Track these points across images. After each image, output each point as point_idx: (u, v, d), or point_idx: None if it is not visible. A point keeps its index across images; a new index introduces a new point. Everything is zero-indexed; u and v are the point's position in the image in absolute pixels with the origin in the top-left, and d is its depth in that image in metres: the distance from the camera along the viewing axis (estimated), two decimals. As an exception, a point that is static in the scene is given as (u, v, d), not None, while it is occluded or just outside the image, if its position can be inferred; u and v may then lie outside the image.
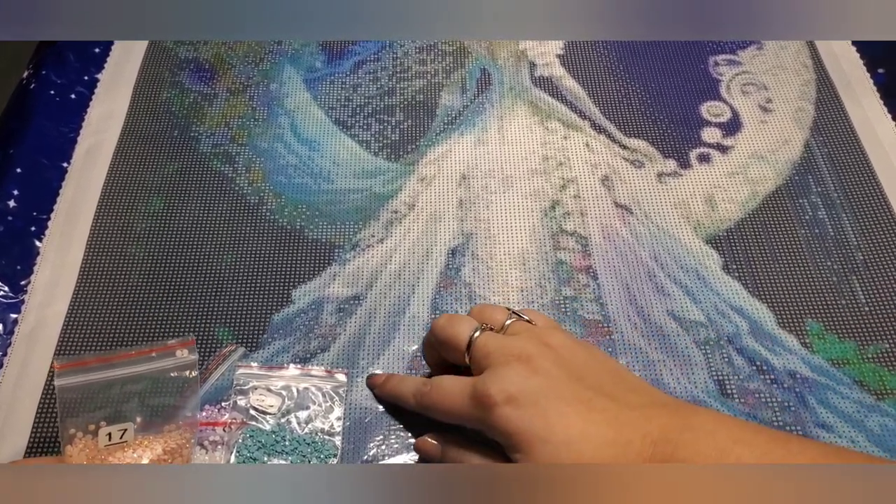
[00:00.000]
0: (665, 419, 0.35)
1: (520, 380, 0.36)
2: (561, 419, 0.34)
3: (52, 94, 0.57)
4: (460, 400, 0.37)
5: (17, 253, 0.49)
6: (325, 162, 0.53)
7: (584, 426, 0.34)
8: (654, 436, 0.34)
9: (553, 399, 0.35)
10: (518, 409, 0.35)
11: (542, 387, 0.35)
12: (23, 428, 0.42)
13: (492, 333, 0.39)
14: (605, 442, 0.34)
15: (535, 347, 0.37)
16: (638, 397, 0.36)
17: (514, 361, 0.36)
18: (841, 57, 0.59)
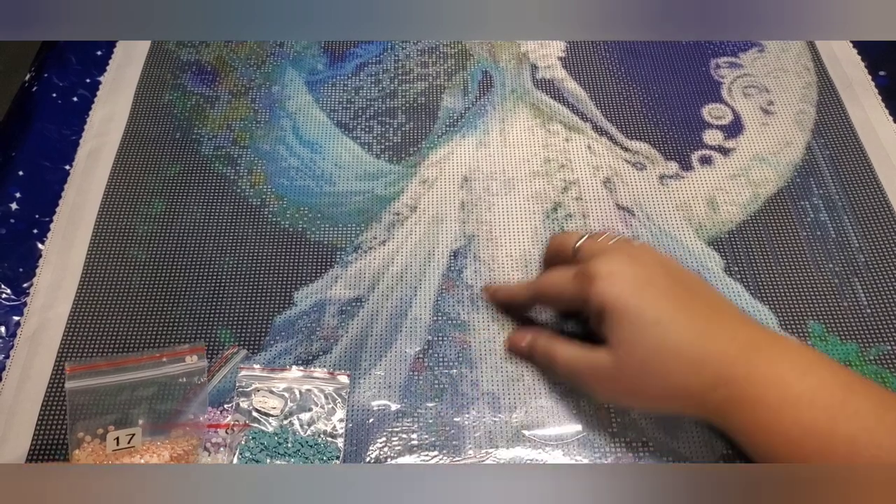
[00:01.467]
0: (755, 329, 0.37)
1: (621, 264, 0.38)
2: (654, 301, 0.37)
3: (54, 96, 0.57)
4: (566, 280, 0.40)
5: (19, 255, 0.49)
6: (326, 164, 0.53)
7: (674, 312, 0.36)
8: (743, 339, 0.36)
9: (649, 285, 0.37)
10: (615, 286, 0.37)
11: (641, 273, 0.38)
12: (25, 431, 0.42)
13: (597, 240, 0.41)
14: (692, 332, 0.36)
15: (638, 250, 0.40)
16: (729, 309, 0.39)
17: (618, 252, 0.39)
18: (842, 59, 0.59)
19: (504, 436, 0.42)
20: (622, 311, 0.36)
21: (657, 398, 0.38)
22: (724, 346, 0.36)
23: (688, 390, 0.36)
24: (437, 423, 0.42)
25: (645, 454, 0.41)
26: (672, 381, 0.36)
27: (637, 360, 0.37)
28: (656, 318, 0.36)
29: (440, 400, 0.43)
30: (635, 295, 0.37)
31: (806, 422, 0.34)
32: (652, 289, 0.37)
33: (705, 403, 0.36)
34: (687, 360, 0.36)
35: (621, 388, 0.38)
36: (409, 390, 0.43)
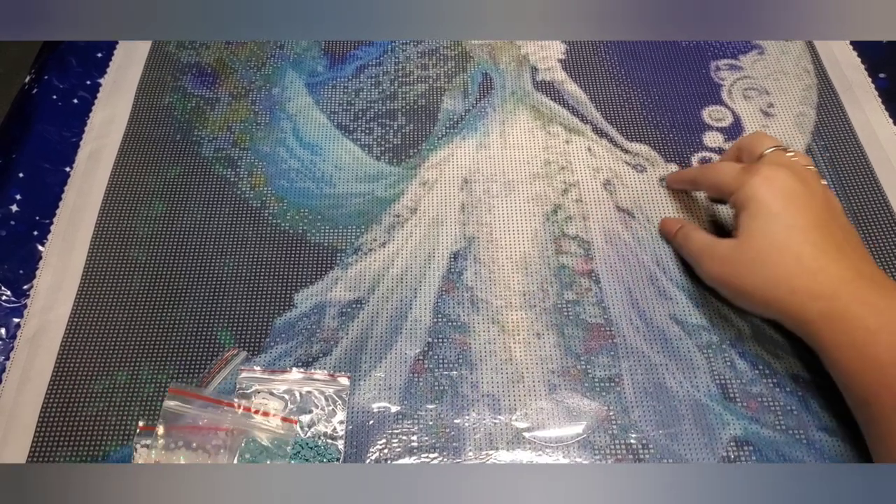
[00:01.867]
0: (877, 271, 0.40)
1: (787, 177, 0.41)
2: (797, 212, 0.40)
3: (54, 98, 0.57)
4: (731, 169, 0.43)
5: (19, 257, 0.49)
6: (327, 166, 0.53)
7: (812, 225, 0.39)
8: (863, 270, 0.39)
9: (800, 202, 0.40)
10: (770, 186, 0.40)
11: (800, 190, 0.40)
12: (25, 433, 0.42)
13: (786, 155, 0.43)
14: (818, 246, 0.39)
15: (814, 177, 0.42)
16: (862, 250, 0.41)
17: (791, 169, 0.41)
18: (842, 61, 0.59)
19: (504, 438, 0.42)
20: (764, 206, 0.40)
21: (760, 289, 0.40)
22: (842, 268, 0.38)
23: (793, 292, 0.39)
24: (437, 424, 0.42)
25: (645, 456, 0.41)
26: (783, 278, 0.39)
27: (756, 248, 0.40)
28: (792, 223, 0.39)
29: (440, 402, 0.43)
30: (781, 199, 0.40)
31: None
32: (800, 202, 0.40)
33: (804, 311, 0.38)
34: (805, 266, 0.38)
35: (733, 271, 0.41)
36: (410, 392, 0.43)
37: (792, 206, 0.40)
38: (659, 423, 0.42)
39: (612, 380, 0.44)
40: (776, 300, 0.40)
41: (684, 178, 0.50)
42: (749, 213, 0.41)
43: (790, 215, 0.40)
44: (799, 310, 0.39)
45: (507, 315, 0.46)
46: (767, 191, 0.40)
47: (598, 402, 0.43)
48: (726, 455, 0.41)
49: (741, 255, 0.41)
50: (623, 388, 0.43)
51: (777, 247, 0.39)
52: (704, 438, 0.41)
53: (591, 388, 0.43)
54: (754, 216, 0.40)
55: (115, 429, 0.42)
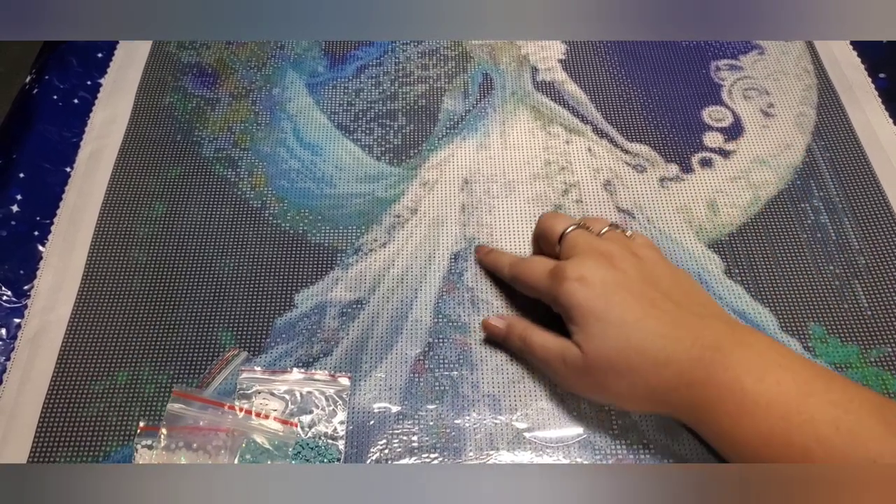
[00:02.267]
0: (721, 331, 0.37)
1: (595, 268, 0.39)
2: (622, 305, 0.37)
3: (54, 98, 0.57)
4: (540, 274, 0.41)
5: (20, 257, 0.49)
6: (327, 166, 0.53)
7: (641, 315, 0.37)
8: (707, 341, 0.36)
9: (620, 290, 0.38)
10: (584, 288, 0.38)
11: (613, 278, 0.39)
12: (26, 433, 0.42)
13: (585, 231, 0.42)
14: (657, 333, 0.37)
15: (620, 252, 0.40)
16: (704, 309, 0.39)
17: (596, 255, 0.40)
18: (842, 62, 0.59)
19: (505, 438, 0.42)
20: (586, 316, 0.38)
21: (624, 396, 0.39)
22: (686, 347, 0.36)
23: (652, 390, 0.37)
24: (437, 425, 0.42)
25: (646, 456, 0.41)
26: (637, 380, 0.37)
27: (603, 358, 0.38)
28: (622, 320, 0.37)
29: (441, 402, 0.43)
30: (602, 298, 0.38)
31: (763, 430, 0.34)
32: (621, 292, 0.38)
33: (670, 402, 0.37)
34: (651, 360, 0.36)
35: (590, 383, 0.39)
36: (410, 392, 0.43)
37: (612, 301, 0.38)
38: (659, 424, 0.42)
39: (612, 380, 0.44)
40: (643, 402, 0.38)
41: (495, 263, 0.47)
42: (578, 324, 0.38)
43: (616, 311, 0.37)
44: (665, 404, 0.37)
45: (508, 315, 0.46)
46: (583, 295, 0.38)
47: (599, 403, 0.43)
48: (726, 455, 0.41)
49: (592, 368, 0.38)
50: (623, 388, 0.43)
51: (619, 350, 0.37)
52: (705, 439, 0.41)
53: (592, 388, 0.43)
54: (584, 326, 0.38)
55: (115, 429, 0.42)
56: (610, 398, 0.40)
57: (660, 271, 0.40)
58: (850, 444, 0.32)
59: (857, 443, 0.32)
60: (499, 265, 0.46)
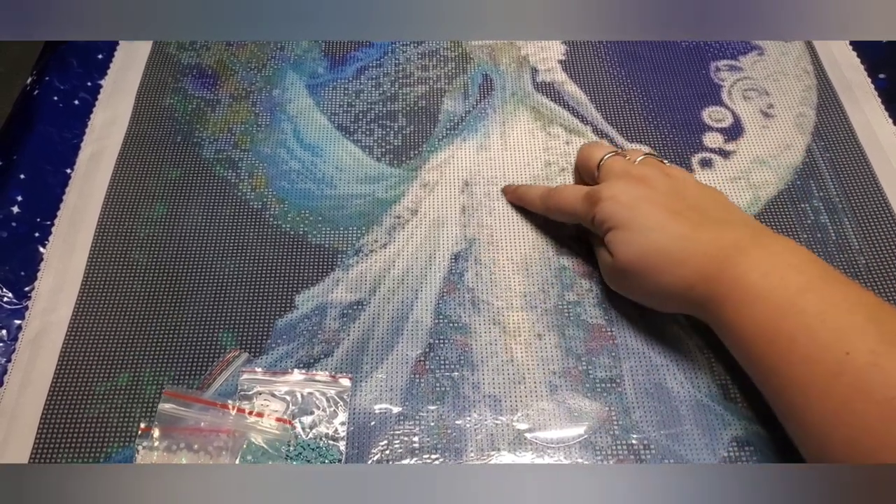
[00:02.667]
0: (743, 233, 0.39)
1: (627, 187, 0.42)
2: (646, 214, 0.41)
3: (55, 99, 0.57)
4: (576, 199, 0.44)
5: (20, 259, 0.49)
6: (327, 167, 0.53)
7: (664, 222, 0.40)
8: (726, 241, 0.39)
9: (646, 202, 0.41)
10: (615, 205, 0.41)
11: (643, 194, 0.41)
12: (27, 435, 0.42)
13: (622, 158, 0.45)
14: (677, 235, 0.39)
15: (653, 173, 0.43)
16: (731, 216, 0.42)
17: (629, 177, 0.43)
18: (842, 62, 0.59)
19: (506, 438, 0.42)
20: (616, 223, 0.41)
21: (651, 294, 0.42)
22: (704, 247, 0.39)
23: (673, 287, 0.40)
24: (438, 425, 0.42)
25: (647, 457, 0.41)
26: (661, 280, 0.40)
27: (629, 262, 0.41)
28: (645, 226, 0.40)
29: (442, 403, 0.43)
30: (628, 209, 0.41)
31: (759, 320, 0.36)
32: (647, 204, 0.41)
33: (688, 300, 0.40)
34: (670, 259, 0.39)
35: (623, 285, 0.44)
36: (411, 393, 0.43)
37: (640, 211, 0.41)
38: (660, 424, 0.42)
39: (613, 380, 0.44)
40: (667, 300, 0.41)
41: (525, 197, 0.50)
42: (609, 235, 0.42)
43: (642, 219, 0.40)
44: (684, 301, 0.40)
45: (509, 316, 0.46)
46: (612, 209, 0.41)
47: (600, 403, 0.43)
48: (727, 455, 0.41)
49: (623, 272, 0.42)
50: (624, 388, 0.43)
51: (644, 254, 0.40)
52: (705, 439, 0.41)
53: (593, 388, 0.43)
54: (613, 236, 0.42)
55: (116, 430, 0.42)
56: (639, 297, 0.43)
57: (690, 187, 0.43)
58: (833, 339, 0.34)
59: (839, 337, 0.34)
60: (528, 198, 0.49)
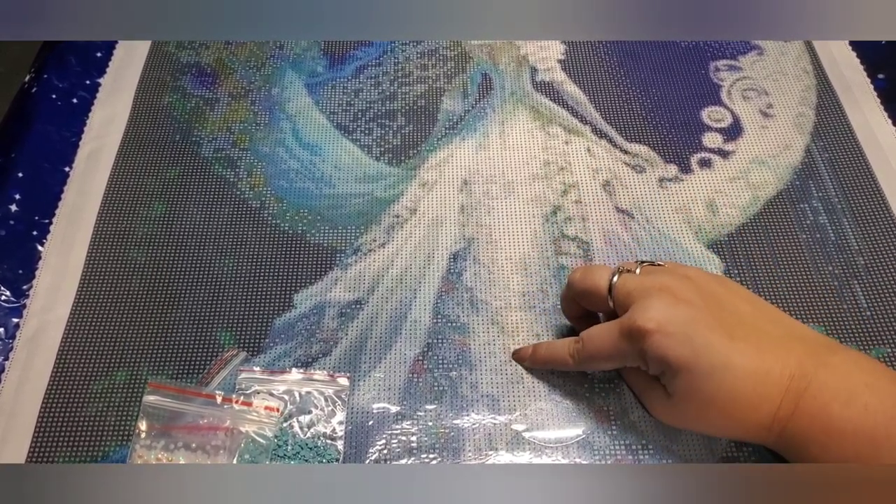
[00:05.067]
0: (802, 354, 0.36)
1: (665, 307, 0.37)
2: (706, 349, 0.36)
3: (53, 98, 0.57)
4: (613, 341, 0.38)
5: (18, 257, 0.49)
6: (326, 166, 0.53)
7: (727, 356, 0.35)
8: (792, 369, 0.35)
9: (698, 327, 0.36)
10: (667, 337, 0.36)
11: (686, 315, 0.37)
12: (24, 433, 0.42)
13: (629, 274, 0.40)
14: (746, 373, 0.35)
15: (674, 280, 0.39)
16: (777, 328, 0.38)
17: (656, 293, 0.38)
18: (841, 62, 0.59)
19: (504, 438, 0.42)
20: (678, 368, 0.36)
21: (717, 433, 0.39)
22: (775, 381, 0.35)
23: (746, 428, 0.36)
24: (436, 425, 0.42)
25: (645, 456, 0.41)
26: (730, 423, 0.36)
27: (695, 408, 0.37)
28: (710, 369, 0.35)
29: (440, 402, 0.43)
30: (686, 344, 0.36)
31: (850, 455, 0.34)
32: (702, 331, 0.36)
33: (762, 438, 0.36)
34: (744, 404, 0.35)
35: (682, 424, 0.40)
36: (409, 393, 0.43)
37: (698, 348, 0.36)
38: (658, 424, 0.42)
39: (611, 380, 0.44)
40: (738, 437, 0.39)
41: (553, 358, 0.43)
42: (669, 380, 0.37)
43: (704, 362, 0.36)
44: (759, 439, 0.37)
45: (507, 316, 0.46)
46: (669, 346, 0.36)
47: (598, 403, 0.43)
48: (726, 455, 0.41)
49: (683, 416, 0.38)
50: (622, 388, 0.43)
51: (711, 400, 0.36)
52: (704, 439, 0.41)
53: (591, 388, 0.43)
54: (677, 381, 0.37)
55: (114, 429, 0.42)
56: (701, 432, 0.41)
57: (717, 290, 0.39)
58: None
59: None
60: (558, 358, 0.42)
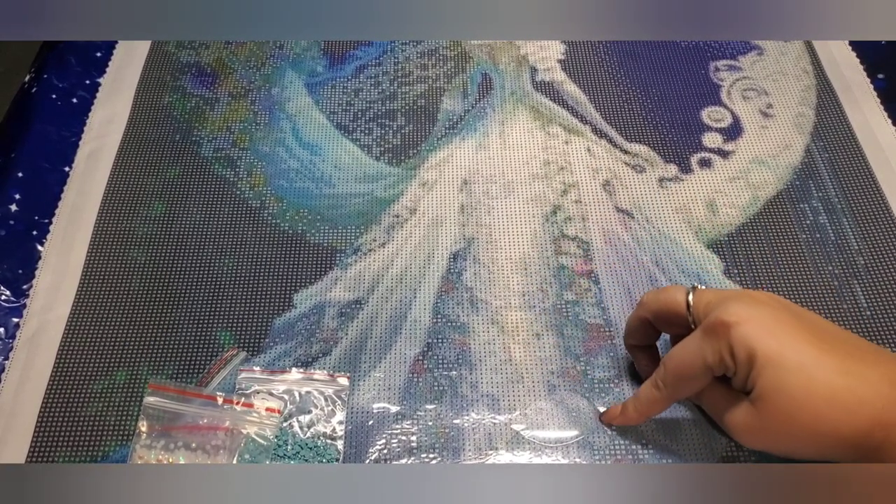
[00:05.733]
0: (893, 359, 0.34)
1: (747, 306, 0.35)
2: (793, 343, 0.34)
3: (53, 97, 0.57)
4: (695, 348, 0.36)
5: (18, 257, 0.49)
6: (326, 166, 0.53)
7: (816, 353, 0.33)
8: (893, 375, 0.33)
9: (782, 325, 0.34)
10: (752, 328, 0.34)
11: (770, 314, 0.35)
12: (24, 433, 0.42)
13: (706, 288, 0.38)
14: (839, 371, 0.33)
15: (753, 291, 0.37)
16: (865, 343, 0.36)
17: (736, 296, 0.36)
18: (841, 62, 0.59)
19: (503, 438, 0.42)
20: (765, 356, 0.34)
21: (806, 444, 0.35)
22: (877, 386, 0.33)
23: (840, 435, 0.33)
24: (436, 425, 0.42)
25: (644, 456, 0.41)
26: (823, 428, 0.33)
27: (783, 411, 0.34)
28: (799, 363, 0.33)
29: (440, 402, 0.43)
30: (772, 336, 0.34)
31: None
32: (786, 328, 0.34)
33: (860, 447, 0.33)
34: (840, 405, 0.33)
35: (768, 438, 0.36)
36: (409, 392, 0.43)
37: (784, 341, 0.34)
38: (658, 424, 0.42)
39: (611, 380, 0.44)
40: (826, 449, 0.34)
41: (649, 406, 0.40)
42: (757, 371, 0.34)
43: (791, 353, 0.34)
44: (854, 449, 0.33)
45: (507, 315, 0.46)
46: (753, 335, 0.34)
47: (598, 403, 0.43)
48: (726, 455, 0.41)
49: (771, 423, 0.35)
50: (622, 388, 0.43)
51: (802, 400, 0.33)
52: (704, 438, 0.41)
53: (591, 388, 0.43)
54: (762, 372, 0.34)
55: (114, 429, 0.42)
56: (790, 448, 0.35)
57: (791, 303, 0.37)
58: None
59: None
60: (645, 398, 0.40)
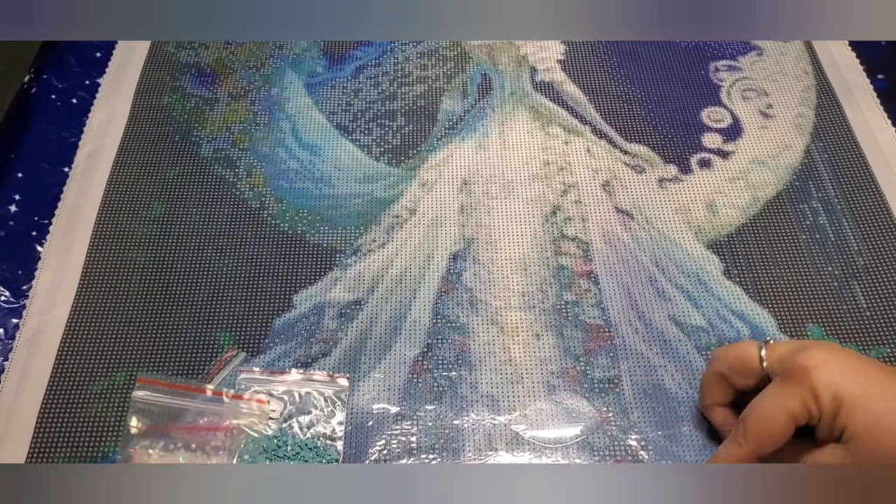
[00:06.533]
0: None
1: (823, 351, 0.35)
2: (875, 388, 0.34)
3: (53, 98, 0.57)
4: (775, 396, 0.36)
5: (18, 258, 0.49)
6: (326, 167, 0.53)
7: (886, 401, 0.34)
8: None
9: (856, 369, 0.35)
10: (833, 371, 0.34)
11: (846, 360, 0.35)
12: (24, 433, 0.42)
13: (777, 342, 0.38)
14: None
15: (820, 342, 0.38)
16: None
17: (810, 345, 0.36)
18: (841, 63, 0.59)
19: (503, 438, 0.42)
20: (853, 399, 0.34)
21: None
22: None
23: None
24: (436, 425, 0.42)
25: (644, 456, 0.41)
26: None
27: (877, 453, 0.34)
28: (886, 407, 0.34)
29: (439, 403, 0.43)
30: (856, 379, 0.34)
31: None
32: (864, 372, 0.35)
33: None
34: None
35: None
36: (409, 393, 0.43)
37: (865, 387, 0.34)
38: (658, 425, 0.42)
39: (611, 381, 0.44)
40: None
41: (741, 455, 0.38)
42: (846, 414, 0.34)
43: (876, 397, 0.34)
44: None
45: (507, 316, 0.46)
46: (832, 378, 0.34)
47: (598, 403, 0.43)
48: (725, 456, 0.41)
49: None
50: (622, 389, 0.43)
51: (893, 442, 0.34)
52: (703, 439, 0.41)
53: (591, 389, 0.43)
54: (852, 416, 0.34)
55: (113, 430, 0.42)
56: None
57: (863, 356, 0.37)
58: None
59: None
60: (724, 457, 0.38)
